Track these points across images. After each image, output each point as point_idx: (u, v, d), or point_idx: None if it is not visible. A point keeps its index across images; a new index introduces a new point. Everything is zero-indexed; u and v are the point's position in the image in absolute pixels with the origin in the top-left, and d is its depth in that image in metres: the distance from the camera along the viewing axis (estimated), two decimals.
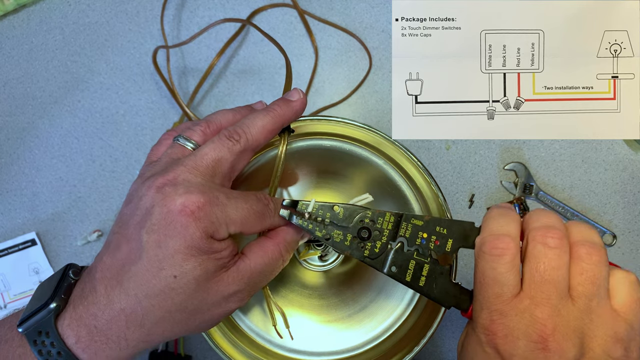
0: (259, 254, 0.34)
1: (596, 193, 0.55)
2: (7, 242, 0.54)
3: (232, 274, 0.32)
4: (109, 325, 0.30)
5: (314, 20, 0.56)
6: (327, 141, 0.43)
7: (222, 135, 0.33)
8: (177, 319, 0.31)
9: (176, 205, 0.30)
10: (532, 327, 0.29)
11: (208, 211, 0.30)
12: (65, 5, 0.56)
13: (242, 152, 0.34)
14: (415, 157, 0.41)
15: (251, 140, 0.34)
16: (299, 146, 0.43)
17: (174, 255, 0.30)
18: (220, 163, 0.33)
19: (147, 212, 0.30)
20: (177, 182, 0.31)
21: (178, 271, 0.30)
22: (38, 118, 0.55)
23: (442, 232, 0.34)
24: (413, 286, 0.34)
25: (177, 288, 0.30)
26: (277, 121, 0.35)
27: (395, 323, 0.42)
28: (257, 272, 0.33)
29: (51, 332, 0.30)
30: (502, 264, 0.30)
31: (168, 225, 0.30)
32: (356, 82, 0.56)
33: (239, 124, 0.34)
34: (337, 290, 0.43)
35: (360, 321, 0.42)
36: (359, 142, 0.43)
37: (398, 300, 0.42)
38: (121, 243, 0.31)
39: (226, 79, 0.56)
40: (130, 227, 0.31)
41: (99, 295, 0.30)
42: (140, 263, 0.30)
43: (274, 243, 0.35)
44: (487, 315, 0.30)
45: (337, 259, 0.43)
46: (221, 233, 0.31)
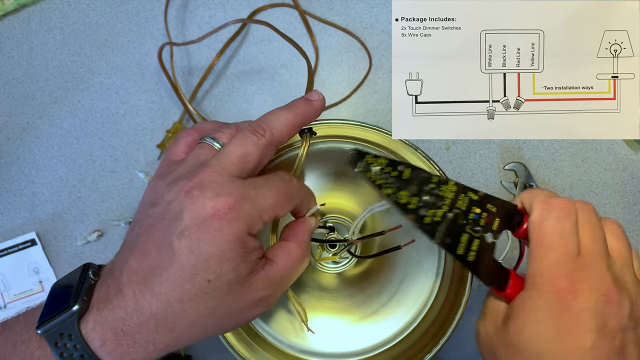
0: (285, 258, 0.34)
1: (596, 193, 0.54)
2: (7, 242, 0.54)
3: (261, 279, 0.32)
4: (137, 329, 0.30)
5: (314, 20, 0.56)
6: (346, 144, 0.43)
7: (246, 130, 0.33)
8: (207, 323, 0.31)
9: (207, 209, 0.29)
10: (600, 281, 0.31)
11: (239, 210, 0.30)
12: (66, 5, 0.56)
13: (267, 146, 0.33)
14: (436, 164, 0.41)
15: (276, 135, 0.34)
16: (318, 148, 0.43)
17: (208, 260, 0.29)
18: (247, 158, 0.32)
19: (176, 217, 0.30)
20: (204, 185, 0.30)
21: (212, 275, 0.30)
22: (38, 118, 0.55)
23: (492, 210, 0.34)
24: (462, 259, 0.33)
25: (210, 292, 0.30)
26: (299, 117, 0.35)
27: (412, 323, 0.42)
28: (285, 276, 0.33)
29: (74, 335, 0.30)
30: (570, 223, 0.32)
31: (200, 230, 0.29)
32: (356, 82, 0.56)
33: (262, 119, 0.34)
34: (349, 293, 0.43)
35: (385, 316, 0.42)
36: (379, 146, 0.43)
37: (414, 299, 0.42)
38: (149, 247, 0.30)
39: (226, 79, 0.56)
40: (158, 231, 0.30)
41: (127, 299, 0.30)
42: (172, 268, 0.29)
43: (297, 245, 0.35)
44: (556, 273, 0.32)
45: (350, 260, 0.43)
46: (257, 226, 0.31)
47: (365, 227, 0.45)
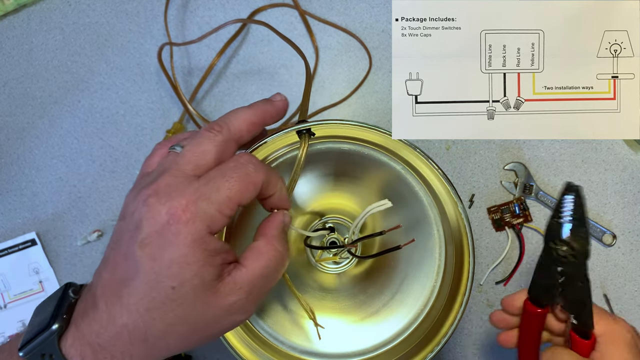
0: (253, 260, 0.32)
1: (596, 193, 0.55)
2: (7, 242, 0.54)
3: (228, 285, 0.31)
4: (112, 342, 0.30)
5: (314, 20, 0.56)
6: (345, 144, 0.43)
7: (202, 130, 0.33)
8: (180, 332, 0.31)
9: (162, 215, 0.29)
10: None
11: (194, 210, 0.29)
12: (66, 5, 0.56)
13: (224, 142, 0.33)
14: (435, 164, 0.41)
15: (233, 130, 0.33)
16: (318, 148, 0.43)
17: (170, 267, 0.29)
18: (203, 155, 0.32)
19: (137, 226, 0.30)
20: (159, 191, 0.30)
21: (175, 282, 0.29)
22: (38, 118, 0.55)
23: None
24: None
25: (176, 299, 0.30)
26: (259, 114, 0.35)
27: (413, 323, 0.42)
28: (257, 277, 0.32)
29: (55, 354, 0.30)
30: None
31: (160, 237, 0.29)
32: (356, 82, 0.56)
33: (220, 118, 0.34)
34: (351, 293, 0.43)
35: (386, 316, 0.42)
36: (379, 146, 0.43)
37: (415, 299, 0.42)
38: (118, 260, 0.31)
39: (226, 79, 0.56)
40: (124, 243, 0.30)
41: (101, 311, 0.30)
42: (138, 278, 0.29)
43: (266, 243, 0.33)
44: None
45: (351, 261, 0.43)
46: (218, 222, 0.30)
47: (365, 227, 0.45)
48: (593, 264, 0.54)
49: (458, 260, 0.41)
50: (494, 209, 0.54)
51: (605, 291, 0.54)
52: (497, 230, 0.54)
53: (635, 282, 0.54)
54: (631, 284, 0.54)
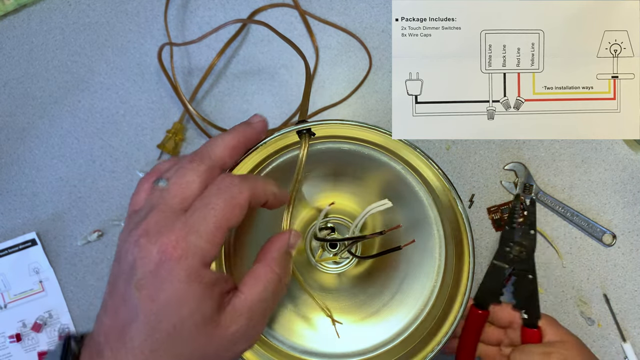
0: (252, 283, 0.32)
1: (596, 193, 0.55)
2: (7, 242, 0.54)
3: (228, 315, 0.31)
4: None
5: (314, 20, 0.56)
6: (345, 144, 0.43)
7: (184, 161, 0.33)
8: None
9: (154, 255, 0.29)
10: None
11: (184, 245, 0.29)
12: (66, 5, 0.56)
13: (208, 171, 0.33)
14: (435, 164, 0.41)
15: (214, 158, 0.34)
16: (318, 148, 0.43)
17: (168, 305, 0.29)
18: (188, 186, 0.32)
19: (132, 268, 0.30)
20: (149, 230, 0.30)
21: (176, 320, 0.29)
22: (38, 118, 0.55)
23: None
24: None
25: (179, 337, 0.29)
26: (240, 137, 0.35)
27: (413, 323, 0.42)
28: (256, 302, 0.31)
29: None
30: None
31: (155, 277, 0.29)
32: (356, 82, 0.56)
33: (201, 147, 0.34)
34: (351, 293, 0.43)
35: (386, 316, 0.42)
36: (379, 146, 0.43)
37: (415, 299, 0.42)
38: (118, 304, 0.30)
39: (226, 79, 0.56)
40: (121, 286, 0.30)
41: (107, 358, 0.30)
42: (139, 320, 0.29)
43: (264, 266, 0.33)
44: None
45: (351, 261, 0.43)
46: (211, 253, 0.30)
47: (365, 227, 0.45)
48: (593, 264, 0.54)
49: (458, 260, 0.41)
50: (494, 209, 0.54)
51: (605, 291, 0.54)
52: (497, 230, 0.54)
53: (635, 282, 0.54)
54: (631, 284, 0.54)
